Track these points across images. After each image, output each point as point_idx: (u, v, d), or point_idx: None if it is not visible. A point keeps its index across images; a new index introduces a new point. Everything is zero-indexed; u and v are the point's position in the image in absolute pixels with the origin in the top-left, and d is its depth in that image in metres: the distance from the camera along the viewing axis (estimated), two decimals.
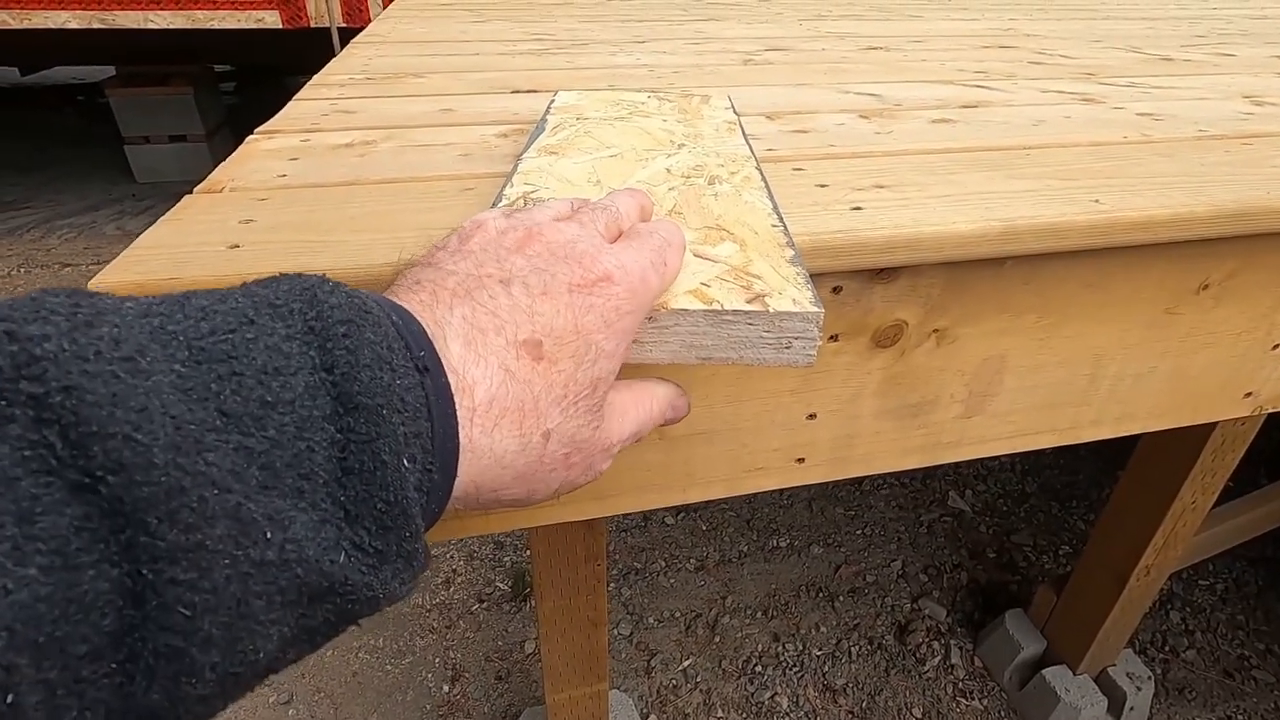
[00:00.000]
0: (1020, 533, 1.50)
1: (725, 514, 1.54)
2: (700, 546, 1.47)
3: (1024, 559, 1.45)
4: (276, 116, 0.57)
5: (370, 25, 1.15)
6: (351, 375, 0.17)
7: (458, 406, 0.20)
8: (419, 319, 0.21)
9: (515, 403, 0.21)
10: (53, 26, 2.21)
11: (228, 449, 0.15)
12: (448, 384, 0.20)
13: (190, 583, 0.14)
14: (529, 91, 0.68)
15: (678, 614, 1.34)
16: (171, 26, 2.29)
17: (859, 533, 1.50)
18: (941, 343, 0.44)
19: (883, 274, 0.40)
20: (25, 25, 2.19)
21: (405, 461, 0.18)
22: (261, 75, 3.95)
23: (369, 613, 0.18)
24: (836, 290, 0.40)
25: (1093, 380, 0.49)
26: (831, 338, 0.42)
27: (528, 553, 1.45)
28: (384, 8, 2.42)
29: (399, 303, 0.21)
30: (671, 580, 1.40)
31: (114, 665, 0.14)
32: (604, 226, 0.27)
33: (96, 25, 2.24)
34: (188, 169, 3.00)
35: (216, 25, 2.31)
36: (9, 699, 0.12)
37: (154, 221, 0.35)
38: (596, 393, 0.24)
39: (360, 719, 1.18)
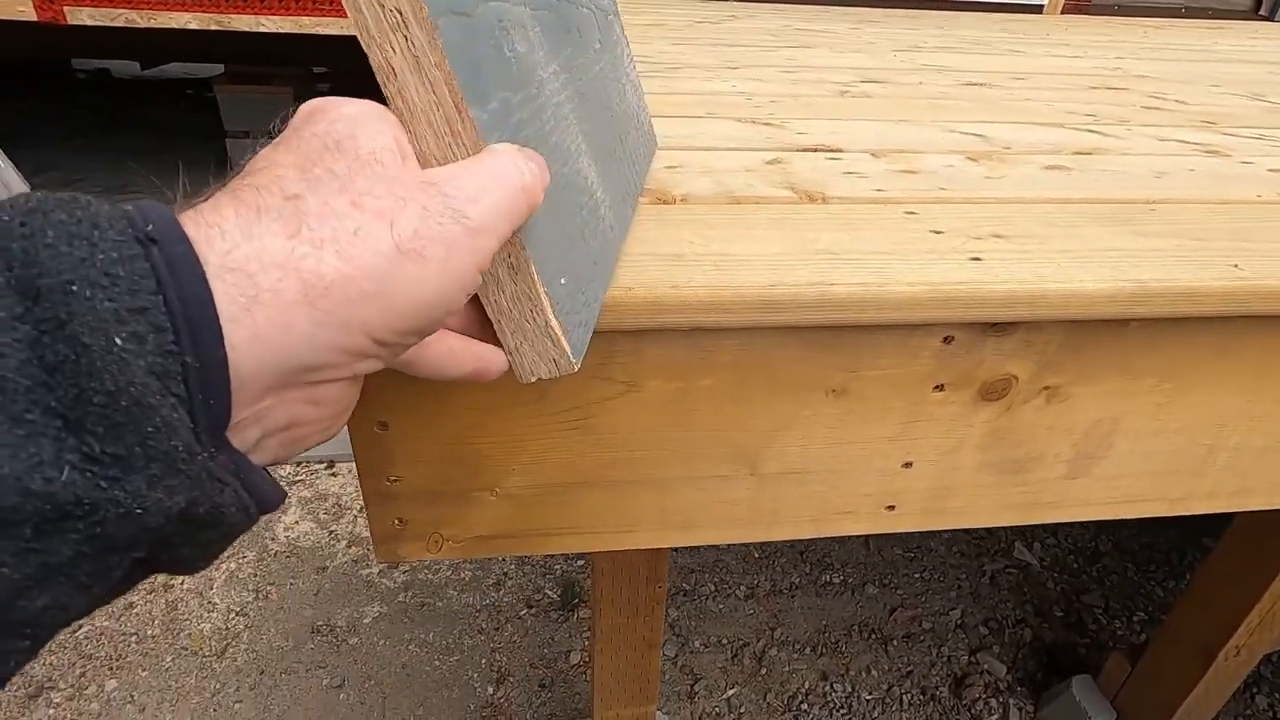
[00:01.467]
0: (1091, 593, 1.43)
1: (778, 543, 1.51)
2: (752, 574, 1.45)
3: (1094, 621, 1.37)
4: None
5: None
6: (30, 260, 0.15)
7: (206, 266, 0.17)
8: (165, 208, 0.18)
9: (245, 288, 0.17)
10: (175, 26, 2.37)
11: None
12: (190, 252, 0.17)
13: None
14: None
15: (724, 641, 1.32)
16: (280, 30, 2.42)
17: (917, 576, 1.45)
18: (1052, 400, 0.43)
19: (998, 327, 0.39)
20: (151, 24, 2.36)
21: (118, 339, 0.15)
22: (354, 80, 4.14)
23: (137, 532, 0.16)
24: (948, 340, 0.39)
25: (1212, 451, 0.46)
26: (937, 387, 0.41)
27: (579, 562, 1.46)
28: None
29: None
30: (720, 606, 1.38)
31: None
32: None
33: (213, 27, 2.39)
34: None
35: (320, 31, 2.44)
36: None
37: None
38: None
39: (407, 710, 1.21)
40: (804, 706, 1.21)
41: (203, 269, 0.17)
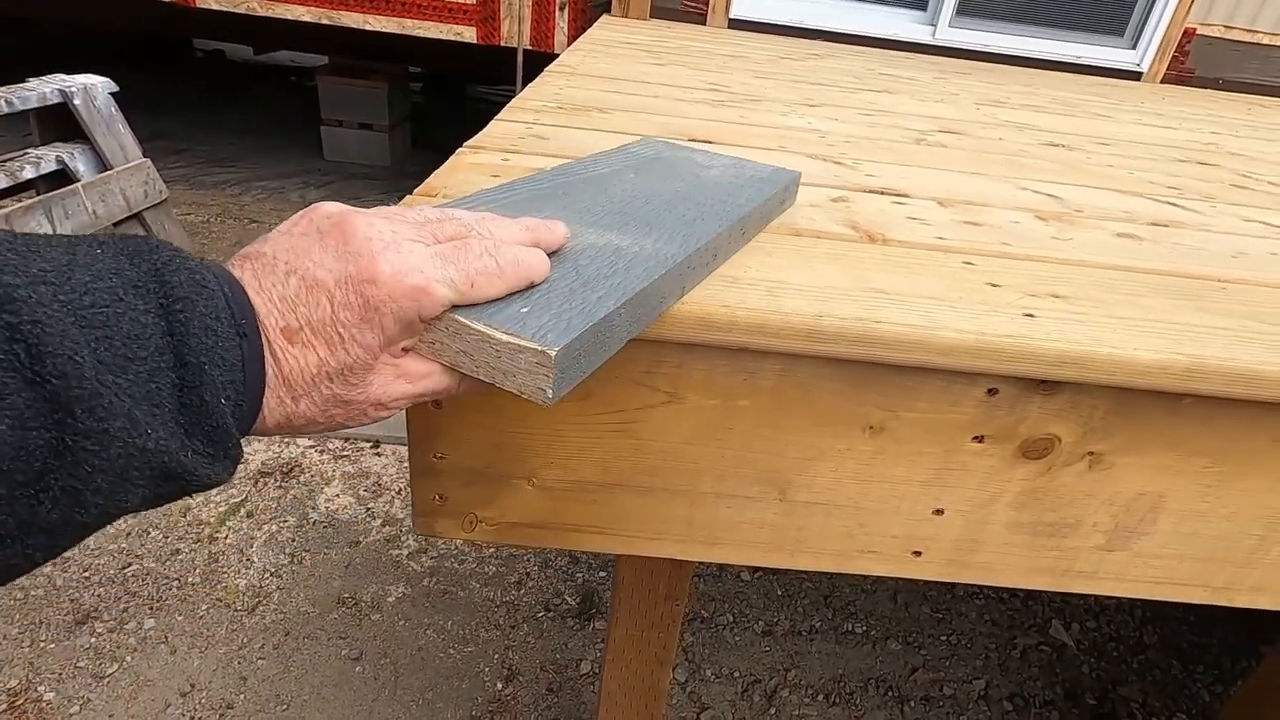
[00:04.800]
0: (1129, 685, 1.36)
1: (803, 583, 1.49)
2: (771, 611, 1.43)
3: (1128, 715, 1.30)
4: (481, 133, 0.63)
5: (561, 57, 1.24)
6: (184, 340, 0.24)
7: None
8: (245, 290, 0.27)
9: (271, 374, 0.27)
10: (290, 18, 2.53)
11: (104, 385, 0.22)
12: (260, 344, 0.27)
13: (94, 452, 0.22)
14: (704, 141, 0.71)
15: (737, 674, 1.30)
16: (384, 30, 2.56)
17: (943, 639, 1.40)
18: (1095, 467, 0.42)
19: (1045, 385, 0.39)
20: (269, 14, 2.53)
21: (223, 400, 0.25)
22: (446, 82, 4.32)
23: (203, 489, 0.26)
24: (992, 392, 0.40)
25: (1263, 543, 0.45)
26: (976, 438, 0.41)
27: (601, 572, 1.47)
28: (568, 36, 2.59)
29: (234, 273, 0.28)
30: (737, 638, 1.37)
31: (33, 491, 0.21)
32: (447, 234, 0.31)
33: (324, 21, 2.54)
34: (368, 154, 3.33)
35: (421, 33, 2.56)
36: None
37: (332, 194, 0.42)
38: (354, 372, 0.29)
39: (417, 692, 1.23)
40: None
41: (264, 364, 0.27)
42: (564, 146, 0.63)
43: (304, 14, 2.53)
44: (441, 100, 4.31)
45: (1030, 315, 0.39)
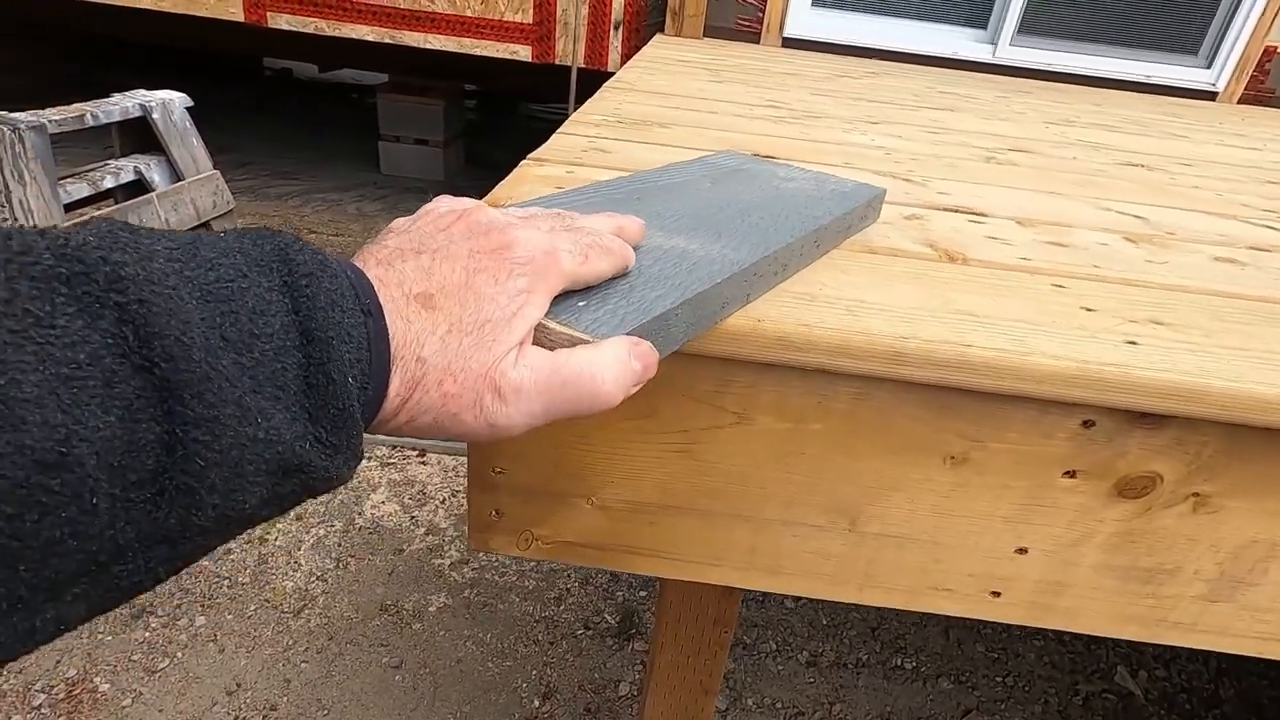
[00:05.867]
0: None
1: (850, 614, 1.44)
2: (817, 641, 1.38)
3: None
4: (545, 146, 0.63)
5: (618, 73, 1.25)
6: (311, 315, 0.23)
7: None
8: (366, 274, 0.26)
9: (399, 338, 0.26)
10: (354, 37, 2.62)
11: (230, 359, 0.21)
12: (385, 324, 0.25)
13: (205, 443, 0.20)
14: (768, 156, 0.70)
15: (779, 705, 1.26)
16: (443, 49, 2.63)
17: (999, 680, 1.33)
18: (1199, 509, 0.39)
19: (1149, 419, 0.36)
20: (335, 34, 2.62)
21: (351, 379, 0.23)
22: (499, 100, 4.42)
23: (325, 489, 0.24)
24: (1088, 424, 0.37)
25: None
26: (1068, 473, 0.38)
27: (642, 592, 1.45)
28: (621, 55, 2.62)
29: (354, 262, 0.27)
30: (780, 667, 1.33)
31: (150, 493, 0.19)
32: (548, 226, 0.31)
33: (387, 40, 2.63)
34: (423, 169, 3.41)
35: (479, 52, 2.63)
36: (94, 501, 0.18)
37: (388, 208, 0.42)
38: (485, 331, 0.27)
39: (455, 704, 1.23)
40: None
41: (389, 342, 0.25)
42: (627, 160, 0.63)
43: (368, 33, 2.62)
44: (494, 117, 4.40)
45: (1133, 343, 0.37)
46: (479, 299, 0.27)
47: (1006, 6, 2.48)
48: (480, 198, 0.50)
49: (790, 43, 2.48)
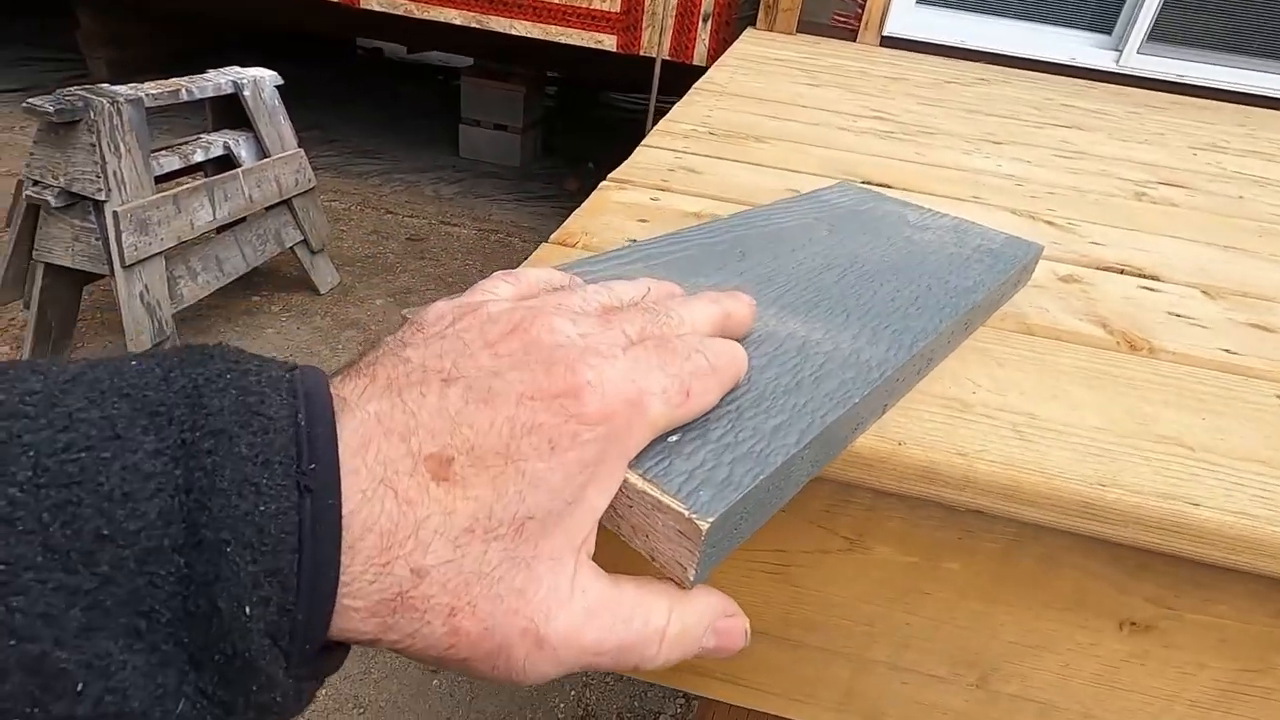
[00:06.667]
0: None
1: None
2: None
3: None
4: (627, 163, 0.56)
5: (708, 73, 1.16)
6: (202, 502, 0.15)
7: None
8: (340, 416, 0.18)
9: (385, 526, 0.17)
10: (441, 19, 2.62)
11: (44, 589, 0.14)
12: (339, 505, 0.17)
13: None
14: (882, 185, 0.61)
15: None
16: (528, 35, 2.59)
17: None
18: None
19: None
20: (424, 16, 2.62)
21: (248, 609, 0.15)
22: (580, 89, 4.38)
23: None
24: None
25: None
26: None
27: None
28: (708, 48, 2.52)
29: (335, 390, 0.18)
30: None
31: None
32: (636, 331, 0.22)
33: (474, 25, 2.61)
34: (499, 154, 3.41)
35: (563, 40, 2.58)
36: None
37: (463, 191, 0.34)
38: (525, 535, 0.18)
39: (490, 718, 1.19)
40: None
41: (341, 527, 0.17)
42: (720, 185, 0.55)
43: (455, 16, 2.61)
44: (574, 106, 4.37)
45: None
46: (522, 479, 0.18)
47: (1137, 9, 2.25)
48: (553, 184, 0.43)
49: (889, 42, 2.33)
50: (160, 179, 1.65)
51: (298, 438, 0.17)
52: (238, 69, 1.93)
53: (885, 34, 2.34)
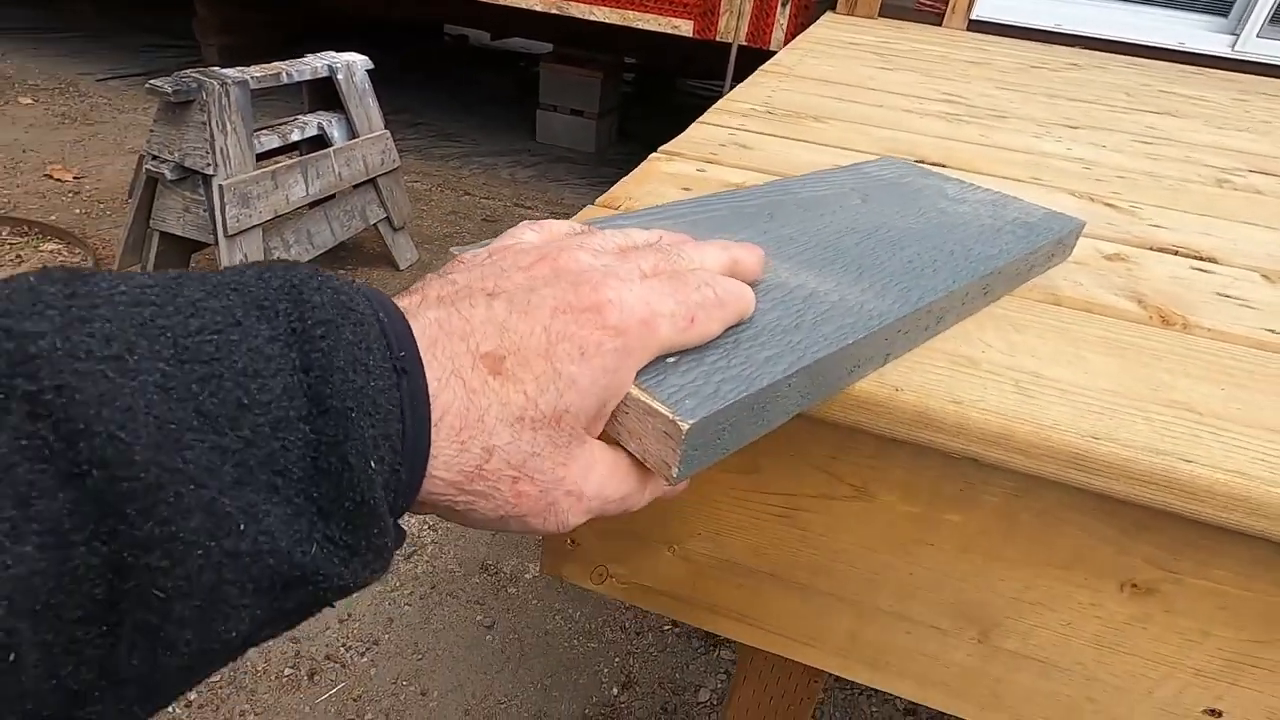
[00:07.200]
0: None
1: None
2: None
3: None
4: (680, 137, 0.58)
5: (778, 55, 1.16)
6: (325, 378, 0.18)
7: None
8: (407, 319, 0.21)
9: (459, 410, 0.20)
10: (522, 6, 2.68)
11: (204, 447, 0.16)
12: (425, 386, 0.20)
13: (164, 569, 0.15)
14: (936, 165, 0.61)
15: None
16: (607, 20, 2.63)
17: None
18: None
19: None
20: (506, 2, 2.70)
21: (372, 463, 0.18)
22: (657, 75, 4.39)
23: (340, 598, 0.19)
24: None
25: None
26: None
27: None
28: (786, 33, 2.49)
29: (394, 300, 0.21)
30: (874, 709, 1.23)
31: (104, 628, 0.15)
32: (650, 266, 0.25)
33: (554, 11, 2.67)
34: (575, 140, 3.47)
35: (640, 25, 2.60)
36: (11, 657, 0.13)
37: (538, 175, 0.37)
38: (563, 425, 0.22)
39: (538, 675, 1.25)
40: None
41: (429, 405, 0.20)
42: (770, 160, 0.56)
43: (535, 3, 2.67)
44: (651, 93, 4.38)
45: None
46: (559, 379, 0.22)
47: None
48: (626, 174, 0.46)
49: (978, 26, 2.23)
50: (260, 156, 1.78)
51: (384, 330, 0.20)
52: (333, 54, 2.05)
53: (973, 18, 2.24)
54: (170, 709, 1.12)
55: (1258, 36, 2.11)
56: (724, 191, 0.39)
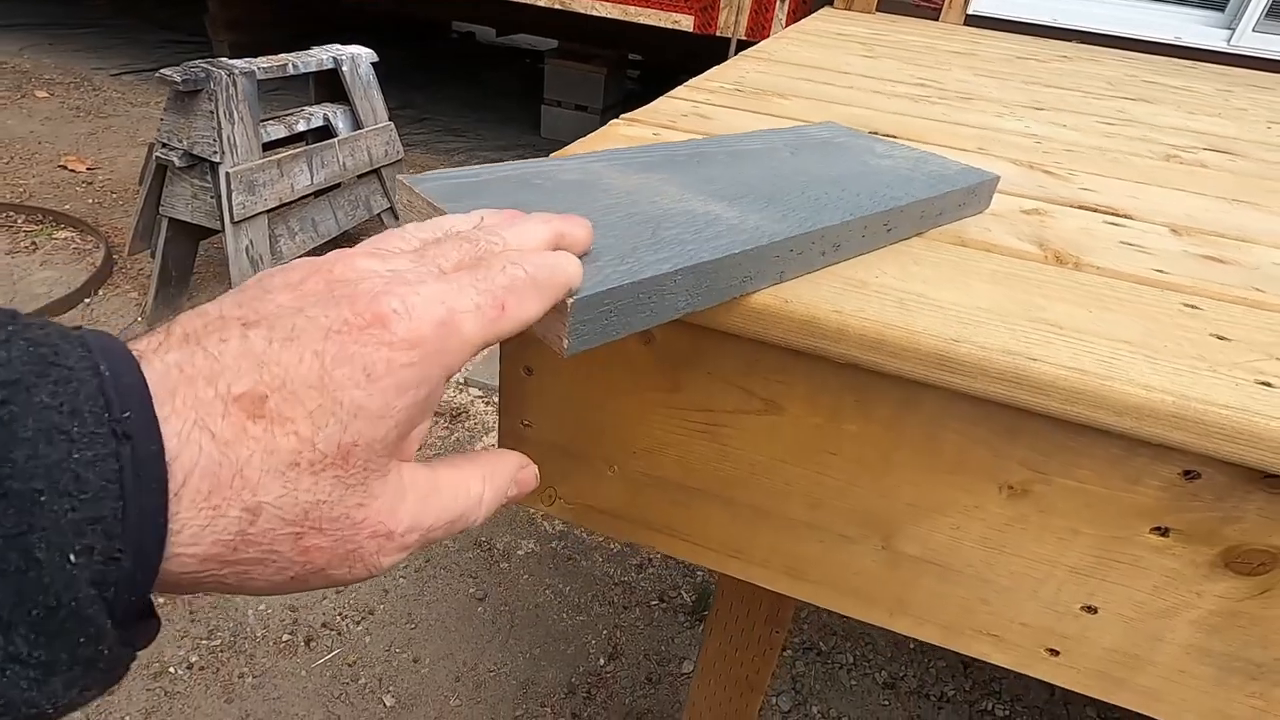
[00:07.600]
0: None
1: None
2: (898, 663, 1.30)
3: None
4: (646, 107, 0.62)
5: (763, 43, 1.19)
6: (4, 455, 0.14)
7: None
8: (150, 363, 0.18)
9: (206, 469, 0.17)
10: (526, 2, 2.73)
11: None
12: (160, 449, 0.16)
13: None
14: (887, 135, 0.64)
15: (846, 719, 1.20)
16: (609, 15, 2.67)
17: None
18: None
19: (1273, 480, 0.29)
20: None
21: (71, 557, 0.15)
22: (660, 72, 4.43)
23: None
24: (1190, 476, 0.30)
25: None
26: (1158, 529, 0.32)
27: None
28: (784, 28, 2.52)
29: (133, 347, 0.18)
30: (853, 682, 1.26)
31: None
32: (454, 260, 0.23)
33: (556, 6, 2.71)
34: (579, 135, 3.49)
35: (642, 20, 2.64)
36: None
37: None
38: (352, 461, 0.19)
39: (527, 646, 1.29)
40: None
41: (166, 471, 0.17)
42: (726, 128, 0.60)
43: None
44: (655, 89, 4.42)
45: (1267, 385, 0.29)
46: (339, 410, 0.19)
47: None
48: None
49: (975, 21, 2.25)
50: (267, 146, 1.83)
51: (103, 387, 0.16)
52: (338, 46, 2.10)
53: (970, 12, 2.27)
54: (171, 669, 1.17)
55: (1254, 30, 2.12)
56: (662, 144, 0.42)
